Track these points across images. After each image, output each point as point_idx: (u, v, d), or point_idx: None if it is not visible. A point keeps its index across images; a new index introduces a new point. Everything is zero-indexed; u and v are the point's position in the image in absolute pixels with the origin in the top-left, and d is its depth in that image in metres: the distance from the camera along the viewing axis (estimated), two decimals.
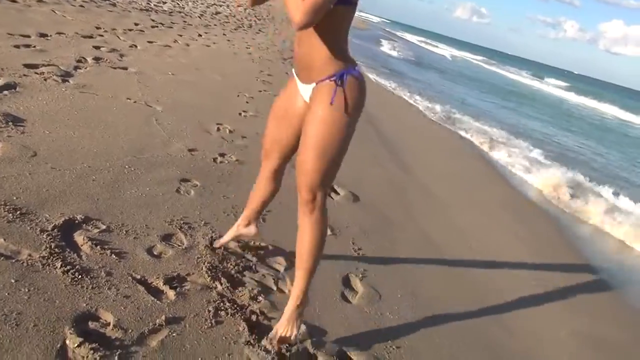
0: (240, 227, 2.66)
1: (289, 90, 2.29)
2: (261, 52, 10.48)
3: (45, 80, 4.31)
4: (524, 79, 49.42)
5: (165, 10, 12.05)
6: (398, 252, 3.57)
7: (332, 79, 1.99)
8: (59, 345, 1.73)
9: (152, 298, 2.13)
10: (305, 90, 2.16)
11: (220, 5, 18.48)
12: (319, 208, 2.08)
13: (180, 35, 9.13)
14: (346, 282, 2.86)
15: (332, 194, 4.14)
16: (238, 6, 19.17)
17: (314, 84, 2.06)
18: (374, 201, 4.36)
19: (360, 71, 2.09)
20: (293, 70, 2.25)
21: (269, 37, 14.07)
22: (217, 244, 2.67)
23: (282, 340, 2.09)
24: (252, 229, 2.67)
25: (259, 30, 14.96)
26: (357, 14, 2.18)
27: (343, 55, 2.03)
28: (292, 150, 2.32)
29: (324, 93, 2.00)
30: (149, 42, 7.57)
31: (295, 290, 2.17)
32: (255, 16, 19.25)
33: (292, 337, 2.10)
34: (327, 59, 2.00)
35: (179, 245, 2.59)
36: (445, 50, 58.63)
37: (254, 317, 2.25)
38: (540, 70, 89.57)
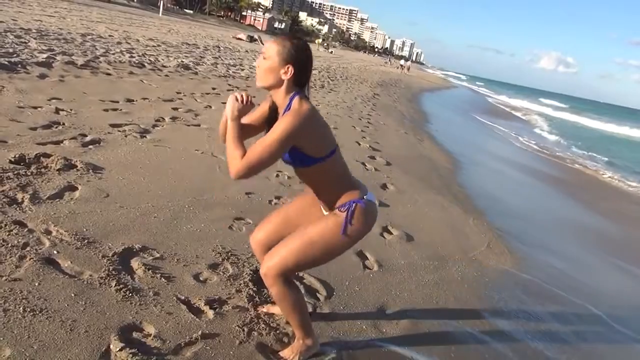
0: None
1: (308, 197, 2.36)
2: (330, 108, 10.94)
3: (125, 136, 4.88)
4: None
5: (243, 76, 13.03)
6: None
7: (341, 209, 2.13)
8: (103, 349, 1.96)
9: (193, 316, 2.33)
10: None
11: None
12: (276, 285, 2.08)
13: (254, 97, 9.79)
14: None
15: (385, 234, 4.22)
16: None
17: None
18: (429, 241, 4.37)
19: (368, 199, 2.17)
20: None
21: (340, 95, 14.65)
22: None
23: None
24: None
25: (331, 89, 15.63)
26: (439, 72, 2.26)
27: (347, 189, 2.16)
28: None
29: (336, 219, 2.12)
30: (223, 102, 8.23)
31: (296, 334, 2.28)
32: (329, 77, 20.16)
33: None
34: (333, 198, 2.16)
35: (224, 273, 2.80)
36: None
37: (285, 339, 2.38)
38: None
